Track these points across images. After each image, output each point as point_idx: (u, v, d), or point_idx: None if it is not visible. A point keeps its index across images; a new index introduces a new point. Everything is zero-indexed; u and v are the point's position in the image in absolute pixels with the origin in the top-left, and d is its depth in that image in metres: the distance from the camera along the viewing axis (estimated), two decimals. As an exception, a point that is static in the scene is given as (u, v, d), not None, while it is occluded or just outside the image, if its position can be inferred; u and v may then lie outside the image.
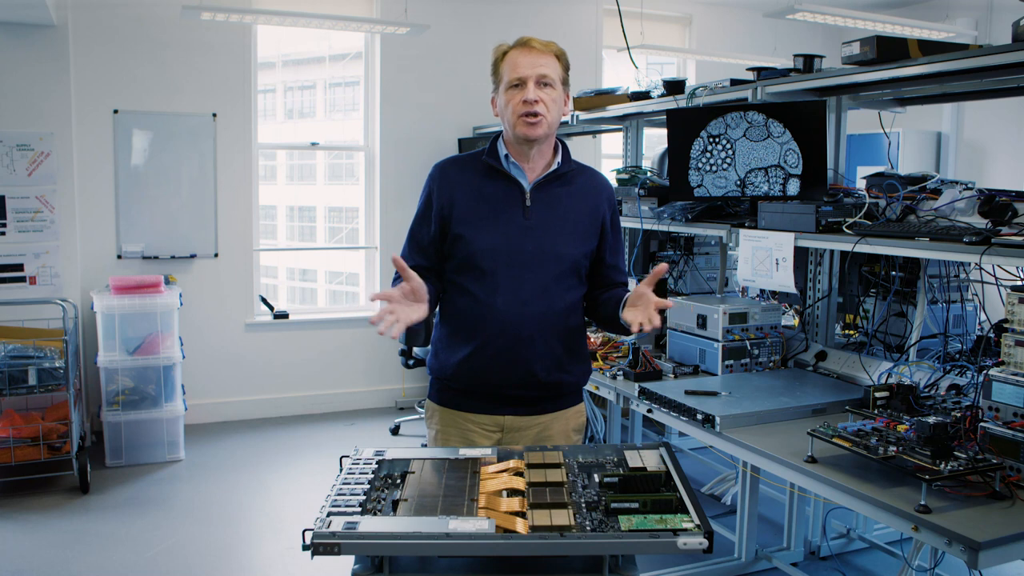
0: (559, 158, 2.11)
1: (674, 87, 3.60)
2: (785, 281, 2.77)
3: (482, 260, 2.02)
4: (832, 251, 3.12)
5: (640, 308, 1.95)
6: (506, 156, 2.08)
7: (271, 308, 5.65)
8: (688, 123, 3.20)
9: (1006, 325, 2.17)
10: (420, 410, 5.56)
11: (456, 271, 2.08)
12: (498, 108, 2.08)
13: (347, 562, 1.47)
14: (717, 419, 2.37)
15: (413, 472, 1.70)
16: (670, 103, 3.57)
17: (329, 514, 1.46)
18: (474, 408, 2.11)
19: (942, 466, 1.83)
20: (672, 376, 2.98)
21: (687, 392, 2.62)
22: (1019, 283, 2.27)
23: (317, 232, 10.66)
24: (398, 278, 2.02)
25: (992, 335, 2.50)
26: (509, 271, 2.02)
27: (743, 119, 3.07)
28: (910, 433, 2.03)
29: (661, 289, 3.55)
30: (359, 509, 1.50)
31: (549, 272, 2.04)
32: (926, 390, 2.49)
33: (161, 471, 4.57)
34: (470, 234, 2.04)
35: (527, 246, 2.03)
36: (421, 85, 5.81)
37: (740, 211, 3.26)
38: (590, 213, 2.12)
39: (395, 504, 1.54)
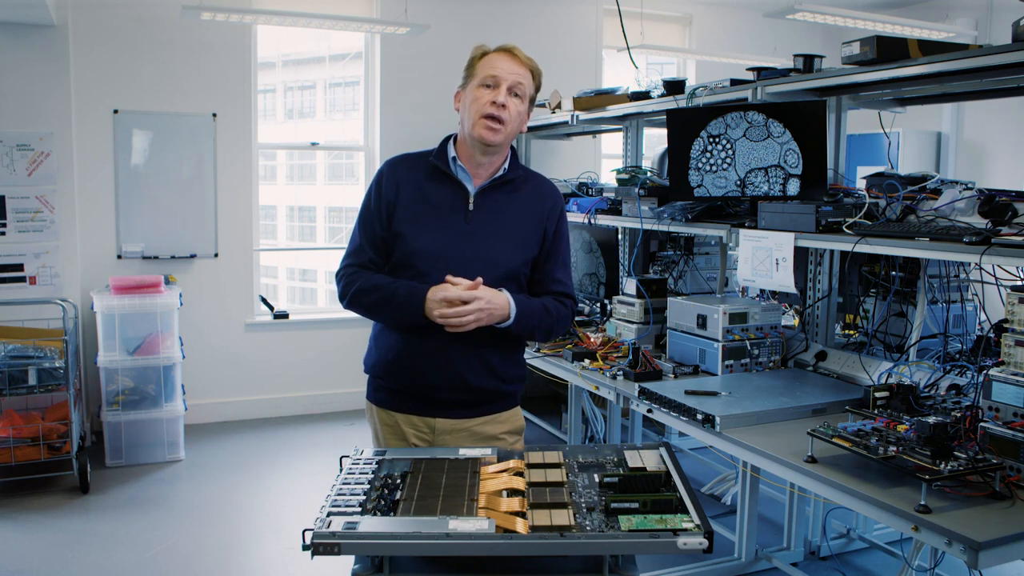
0: (506, 164, 2.11)
1: (674, 87, 3.60)
2: (785, 281, 2.77)
3: (419, 261, 2.02)
4: (832, 251, 3.12)
5: None
6: (454, 159, 2.08)
7: (271, 308, 5.65)
8: (688, 123, 3.20)
9: (1006, 325, 2.17)
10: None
11: (393, 269, 2.08)
12: (462, 104, 2.08)
13: (347, 562, 1.47)
14: (717, 419, 2.36)
15: (413, 472, 1.70)
16: (670, 103, 3.57)
17: (329, 514, 1.46)
18: (405, 408, 2.12)
19: (942, 466, 1.83)
20: (672, 376, 2.98)
21: (687, 392, 2.62)
22: (1019, 283, 2.27)
23: (317, 232, 10.66)
24: (360, 268, 2.09)
25: (992, 335, 2.51)
26: (445, 274, 1.99)
27: (743, 119, 3.07)
28: (910, 433, 2.03)
29: (661, 288, 3.55)
30: (359, 509, 1.50)
31: (486, 277, 2.00)
32: (926, 390, 2.49)
33: (161, 471, 4.57)
34: (410, 233, 2.04)
35: (465, 251, 2.03)
36: (421, 85, 5.81)
37: (740, 211, 3.26)
38: (533, 221, 2.11)
39: (395, 504, 1.54)
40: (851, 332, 3.26)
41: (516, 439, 2.18)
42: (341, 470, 1.70)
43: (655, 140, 5.21)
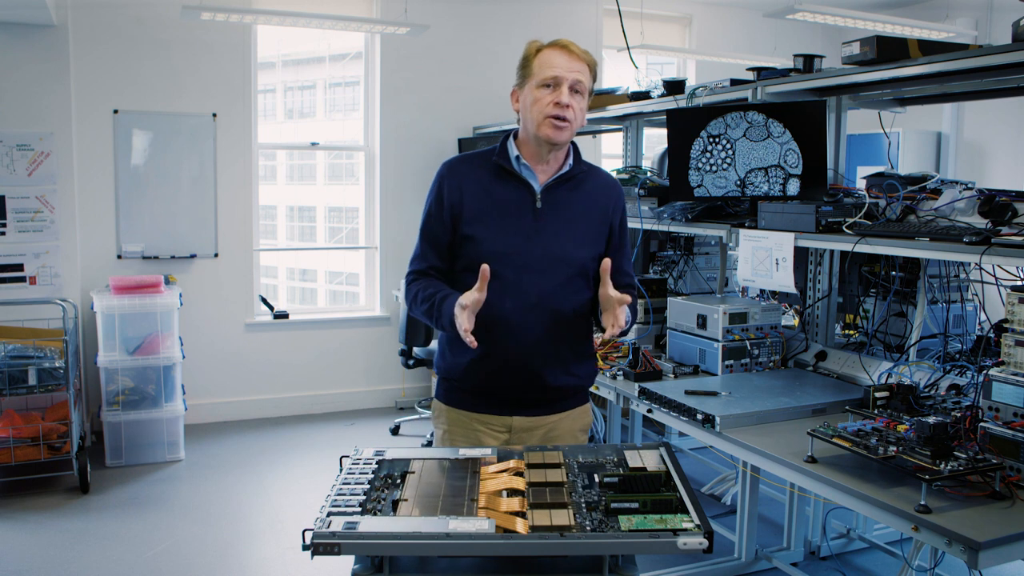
0: (570, 160, 2.10)
1: (674, 87, 3.60)
2: (785, 281, 2.77)
3: (489, 262, 1.98)
4: (832, 251, 3.12)
5: (609, 311, 1.96)
6: (517, 157, 2.06)
7: (271, 308, 5.65)
8: (688, 123, 3.20)
9: (1006, 325, 2.17)
10: (421, 410, 5.56)
11: (464, 272, 2.05)
12: (521, 104, 2.06)
13: (347, 562, 1.47)
14: (717, 419, 2.36)
15: (413, 472, 1.70)
16: (670, 103, 3.57)
17: (329, 514, 1.46)
18: (481, 408, 2.10)
19: (942, 466, 1.83)
20: (672, 376, 2.98)
21: (687, 392, 2.62)
22: (1019, 283, 2.27)
23: (317, 232, 10.67)
24: (418, 276, 2.08)
25: (992, 335, 2.51)
26: (517, 274, 2.00)
27: (743, 119, 3.07)
28: (910, 433, 2.03)
29: (661, 288, 3.55)
30: (359, 509, 1.50)
31: (558, 275, 2.02)
32: (926, 390, 2.49)
33: (161, 471, 4.57)
34: (480, 235, 2.02)
35: (536, 249, 2.02)
36: (421, 85, 5.81)
37: (740, 211, 3.26)
38: (600, 215, 2.11)
39: (395, 504, 1.54)
40: (851, 332, 3.26)
41: (584, 436, 2.20)
42: (341, 470, 1.70)
43: (655, 140, 5.21)
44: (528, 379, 2.05)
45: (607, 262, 1.96)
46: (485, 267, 1.90)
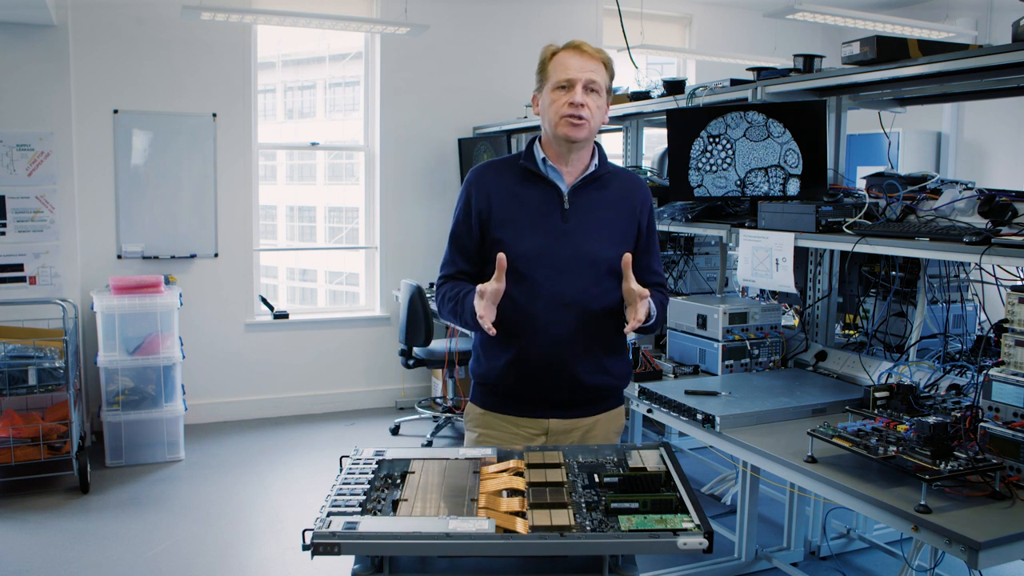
0: (596, 160, 2.11)
1: (674, 87, 3.60)
2: (785, 281, 2.77)
3: (521, 264, 2.00)
4: (832, 251, 3.12)
5: (632, 305, 1.98)
6: (543, 160, 2.08)
7: (271, 308, 5.65)
8: (688, 123, 3.20)
9: (1006, 325, 2.17)
10: (421, 410, 5.56)
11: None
12: (540, 107, 2.09)
13: (347, 562, 1.47)
14: (717, 419, 2.37)
15: (413, 472, 1.70)
16: (670, 103, 3.57)
17: (329, 514, 1.46)
18: (518, 412, 2.11)
19: (942, 466, 1.83)
20: (672, 376, 2.98)
21: (687, 392, 2.62)
22: (1019, 283, 2.27)
23: (317, 232, 10.68)
24: (447, 280, 2.10)
25: (992, 335, 2.50)
26: (548, 275, 2.01)
27: (743, 119, 3.07)
28: (910, 433, 2.03)
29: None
30: (359, 509, 1.50)
31: (588, 275, 2.03)
32: (926, 390, 2.49)
33: (161, 471, 4.57)
34: (509, 238, 2.03)
35: (565, 250, 2.03)
36: (421, 85, 5.81)
37: (740, 211, 3.26)
38: (627, 215, 2.12)
39: (395, 504, 1.54)
40: (851, 332, 3.26)
41: (617, 439, 2.21)
42: (341, 470, 1.70)
43: (655, 140, 5.21)
44: (562, 379, 2.05)
45: (627, 256, 1.97)
46: (502, 256, 1.91)
